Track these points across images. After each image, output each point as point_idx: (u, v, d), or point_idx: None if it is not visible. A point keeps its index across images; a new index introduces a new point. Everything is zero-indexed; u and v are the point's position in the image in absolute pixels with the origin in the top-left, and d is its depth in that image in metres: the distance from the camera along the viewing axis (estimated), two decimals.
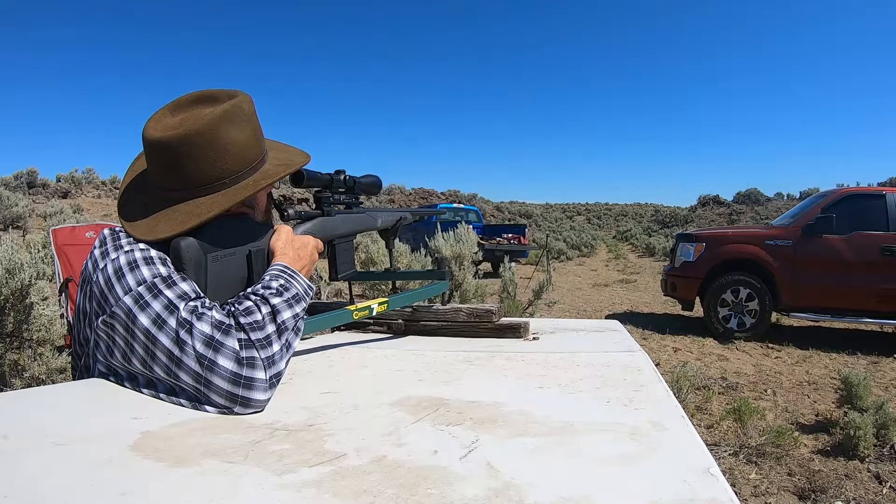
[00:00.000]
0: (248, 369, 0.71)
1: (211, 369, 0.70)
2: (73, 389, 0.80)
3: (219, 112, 0.84)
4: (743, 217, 26.80)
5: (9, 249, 2.58)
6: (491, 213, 30.79)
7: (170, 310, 0.73)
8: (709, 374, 4.20)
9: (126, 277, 0.77)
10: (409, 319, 1.26)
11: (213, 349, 0.71)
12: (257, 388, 0.71)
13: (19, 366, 2.53)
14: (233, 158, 0.86)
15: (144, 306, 0.74)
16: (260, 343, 0.73)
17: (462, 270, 4.18)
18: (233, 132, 0.85)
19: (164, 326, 0.73)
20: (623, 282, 10.43)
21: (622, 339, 1.20)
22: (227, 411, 0.70)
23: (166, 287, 0.76)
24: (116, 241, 0.82)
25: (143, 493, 0.48)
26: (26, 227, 11.33)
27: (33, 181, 17.76)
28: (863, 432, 2.73)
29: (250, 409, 0.71)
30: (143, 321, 0.74)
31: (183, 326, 0.72)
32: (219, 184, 0.85)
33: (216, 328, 0.72)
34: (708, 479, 0.51)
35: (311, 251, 0.95)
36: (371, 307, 1.08)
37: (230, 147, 0.85)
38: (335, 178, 1.08)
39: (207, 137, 0.83)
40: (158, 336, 0.72)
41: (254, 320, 0.74)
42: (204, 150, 0.83)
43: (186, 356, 0.71)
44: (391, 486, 0.49)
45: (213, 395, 0.70)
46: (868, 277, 5.18)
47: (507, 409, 0.71)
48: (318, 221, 1.04)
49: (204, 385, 0.70)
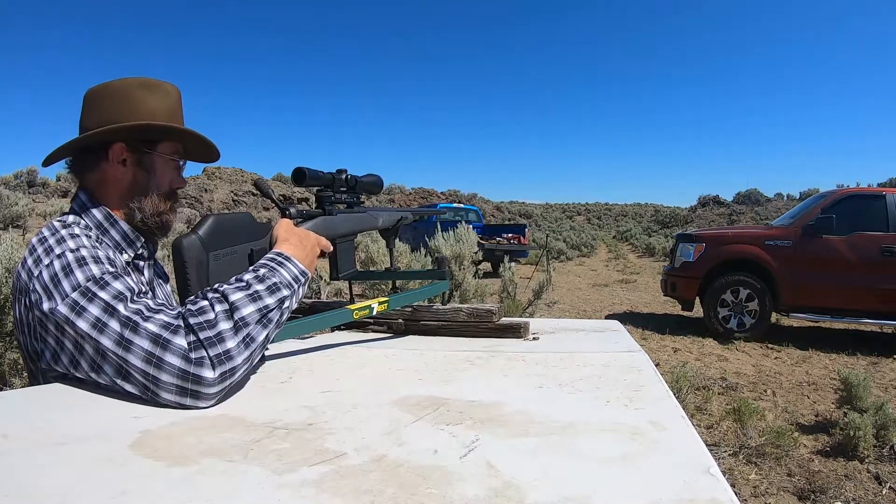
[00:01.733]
0: (196, 366, 0.71)
1: (159, 367, 0.71)
2: (72, 389, 0.80)
3: (142, 79, 0.97)
4: (743, 217, 26.80)
5: (8, 248, 2.58)
6: (491, 212, 30.79)
7: (109, 312, 0.75)
8: (708, 375, 4.20)
9: (62, 284, 0.79)
10: (410, 319, 1.26)
11: (161, 347, 0.72)
12: (205, 383, 0.71)
13: (19, 365, 2.53)
14: (130, 110, 0.94)
15: (81, 312, 0.76)
16: (209, 341, 0.73)
17: (462, 270, 4.18)
18: (146, 96, 0.96)
19: (106, 329, 0.74)
20: (623, 282, 10.43)
21: (622, 340, 1.20)
22: (179, 406, 0.71)
23: (100, 289, 0.77)
24: (45, 243, 0.84)
25: (142, 492, 0.48)
26: (26, 227, 11.32)
27: (33, 180, 17.76)
28: (862, 433, 2.73)
29: (203, 402, 0.72)
30: (82, 326, 0.75)
31: (126, 326, 0.73)
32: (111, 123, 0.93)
33: (165, 328, 0.73)
34: (708, 479, 0.51)
35: (313, 243, 0.96)
36: (371, 307, 1.08)
37: (135, 102, 0.95)
38: (337, 177, 1.09)
39: (121, 92, 0.95)
40: (101, 339, 0.74)
41: (205, 320, 0.74)
42: (113, 99, 0.94)
43: (132, 355, 0.72)
44: (391, 486, 0.49)
45: (162, 392, 0.71)
46: (868, 278, 5.18)
47: (508, 408, 0.71)
48: (320, 220, 1.04)
49: (153, 382, 0.71)
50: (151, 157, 0.97)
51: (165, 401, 0.71)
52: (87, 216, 0.93)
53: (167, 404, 0.71)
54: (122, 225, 0.96)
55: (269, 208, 17.14)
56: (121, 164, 0.95)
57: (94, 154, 0.94)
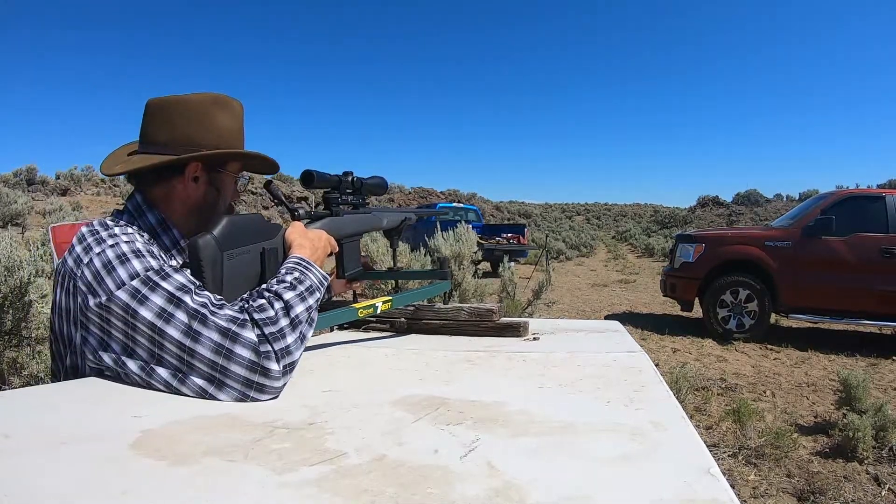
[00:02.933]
0: (264, 359, 0.75)
1: (229, 358, 0.74)
2: (72, 388, 0.80)
3: (213, 96, 0.98)
4: (742, 218, 26.81)
5: (8, 247, 2.57)
6: (490, 212, 30.78)
7: (174, 302, 0.76)
8: (708, 375, 4.20)
9: (117, 271, 0.79)
10: (412, 318, 1.27)
11: (231, 339, 0.75)
12: (271, 375, 0.75)
13: (18, 363, 2.52)
14: (209, 131, 0.96)
15: (143, 300, 0.76)
16: (273, 336, 0.77)
17: (461, 270, 4.18)
18: (221, 115, 0.97)
19: (172, 319, 0.75)
20: (622, 282, 10.44)
21: (622, 340, 1.20)
22: (242, 398, 0.74)
23: (161, 279, 0.78)
24: (96, 235, 0.85)
25: (143, 491, 0.48)
26: (25, 225, 11.31)
27: (33, 178, 17.74)
28: (862, 434, 2.73)
29: (265, 395, 0.75)
30: (145, 315, 0.76)
31: (195, 318, 0.75)
32: (193, 145, 0.94)
33: (232, 322, 0.76)
34: (708, 479, 0.51)
35: (324, 244, 1.02)
36: (375, 305, 1.10)
37: (211, 121, 0.96)
38: (343, 179, 1.12)
39: (197, 108, 0.95)
40: (166, 329, 0.75)
41: (267, 316, 0.78)
42: (189, 116, 0.94)
43: (201, 346, 0.74)
44: (391, 486, 0.49)
45: (229, 381, 0.74)
46: (867, 279, 5.18)
47: (508, 408, 0.71)
48: (328, 221, 1.07)
49: (220, 373, 0.74)
50: (221, 176, 1.00)
51: (229, 391, 0.74)
52: (140, 219, 0.94)
53: (228, 396, 0.74)
54: (175, 231, 0.97)
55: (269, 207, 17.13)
56: (193, 182, 0.96)
57: (167, 169, 0.95)
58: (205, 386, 0.74)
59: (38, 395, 0.79)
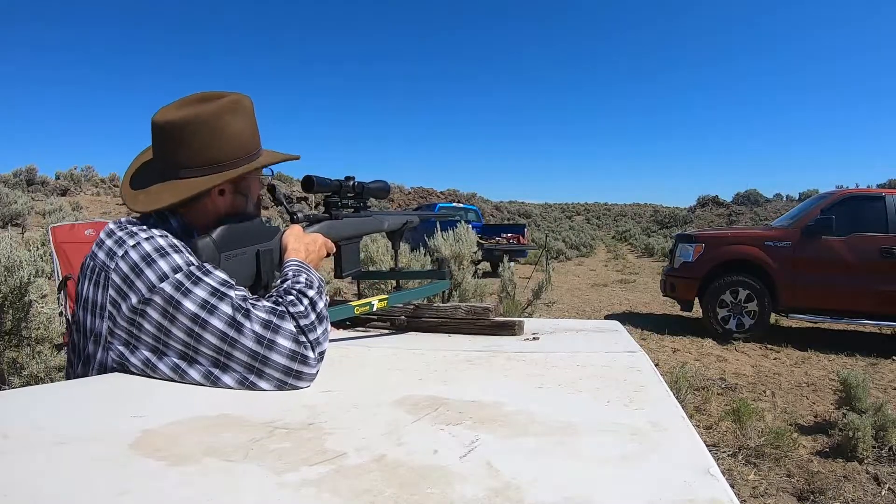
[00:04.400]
0: (302, 348, 0.80)
1: (270, 348, 0.78)
2: (72, 388, 0.80)
3: (223, 102, 0.94)
4: (742, 218, 26.82)
5: (7, 247, 2.57)
6: (490, 212, 30.78)
7: (217, 296, 0.80)
8: (708, 375, 4.20)
9: (158, 263, 0.81)
10: (411, 316, 1.31)
11: (272, 330, 0.79)
12: (309, 363, 0.81)
13: (18, 364, 2.52)
14: (228, 144, 0.94)
15: (187, 292, 0.79)
16: (308, 328, 0.82)
17: (461, 270, 4.18)
18: (234, 121, 0.95)
19: (216, 311, 0.79)
20: (622, 282, 10.44)
21: (622, 340, 1.20)
22: (281, 385, 0.79)
23: (204, 274, 0.82)
24: (127, 229, 0.87)
25: (143, 491, 0.48)
26: (25, 225, 11.31)
27: (32, 178, 17.73)
28: (861, 434, 2.73)
29: (303, 382, 0.80)
30: (188, 306, 0.79)
31: (239, 311, 0.79)
32: (219, 165, 0.93)
33: (271, 314, 0.80)
34: (708, 479, 0.51)
35: (319, 247, 1.04)
36: (371, 303, 1.14)
37: (231, 133, 0.94)
38: (344, 184, 1.15)
39: (211, 122, 0.92)
40: (210, 319, 0.78)
41: (299, 310, 0.83)
42: (206, 133, 0.92)
43: (244, 337, 0.78)
44: (391, 486, 0.49)
45: (269, 370, 0.78)
46: (867, 279, 5.18)
47: (508, 408, 0.71)
48: (325, 224, 1.11)
49: (260, 362, 0.78)
50: (246, 182, 1.00)
51: (268, 379, 0.78)
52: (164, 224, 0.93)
53: (269, 384, 0.78)
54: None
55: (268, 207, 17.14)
56: (219, 195, 0.96)
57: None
58: (245, 374, 0.78)
59: (38, 395, 0.79)
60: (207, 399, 0.75)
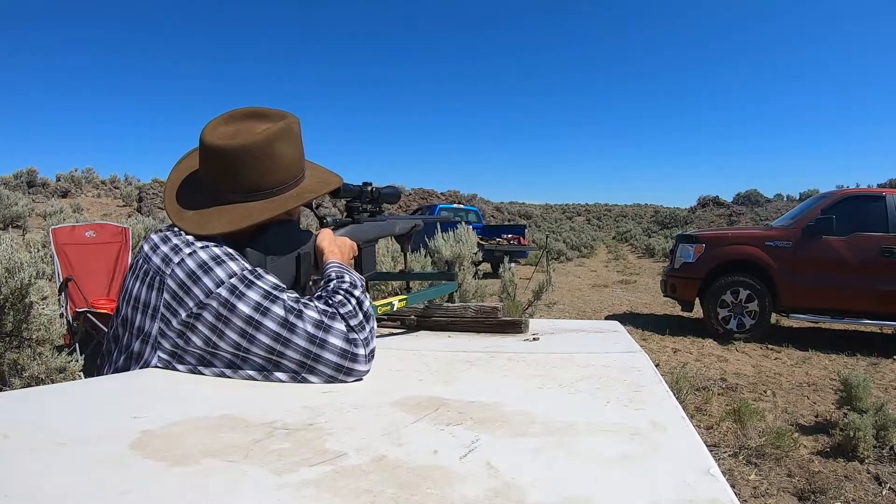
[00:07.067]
0: (353, 346, 0.83)
1: (322, 346, 0.82)
2: (72, 389, 0.80)
3: (275, 129, 0.95)
4: (742, 218, 26.81)
5: (8, 249, 2.58)
6: (491, 213, 30.77)
7: (270, 298, 0.83)
8: (708, 375, 4.20)
9: (214, 271, 0.85)
10: (422, 316, 1.35)
11: (324, 330, 0.82)
12: (359, 361, 0.84)
13: (18, 365, 2.52)
14: (282, 171, 0.97)
15: (241, 295, 0.83)
16: (358, 327, 0.85)
17: (462, 271, 4.18)
18: (285, 148, 0.97)
19: (269, 312, 0.82)
20: (623, 282, 10.44)
21: (622, 340, 1.20)
22: (331, 380, 0.82)
23: (257, 278, 0.85)
24: (182, 236, 0.90)
25: (143, 492, 0.48)
26: (26, 227, 11.32)
27: (33, 180, 17.76)
28: (862, 433, 2.73)
29: (352, 377, 0.83)
30: (243, 309, 0.82)
31: (291, 312, 0.82)
32: (269, 192, 0.96)
33: (323, 314, 0.84)
34: (708, 479, 0.51)
35: (349, 249, 1.10)
36: (392, 303, 1.20)
37: (281, 161, 0.96)
38: (364, 189, 1.21)
39: (265, 150, 0.94)
40: (263, 321, 0.82)
41: (348, 311, 0.86)
42: (260, 161, 0.94)
43: (297, 336, 0.81)
44: (391, 486, 0.49)
45: (321, 366, 0.82)
46: (868, 279, 5.18)
47: (508, 409, 0.71)
48: (350, 228, 1.17)
49: (312, 360, 0.82)
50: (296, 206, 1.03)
51: (320, 375, 0.82)
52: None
53: (319, 379, 0.82)
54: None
55: None
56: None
57: None
58: (297, 369, 0.81)
59: (38, 396, 0.79)
60: (207, 399, 0.75)
